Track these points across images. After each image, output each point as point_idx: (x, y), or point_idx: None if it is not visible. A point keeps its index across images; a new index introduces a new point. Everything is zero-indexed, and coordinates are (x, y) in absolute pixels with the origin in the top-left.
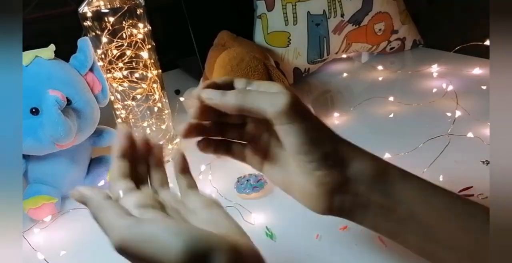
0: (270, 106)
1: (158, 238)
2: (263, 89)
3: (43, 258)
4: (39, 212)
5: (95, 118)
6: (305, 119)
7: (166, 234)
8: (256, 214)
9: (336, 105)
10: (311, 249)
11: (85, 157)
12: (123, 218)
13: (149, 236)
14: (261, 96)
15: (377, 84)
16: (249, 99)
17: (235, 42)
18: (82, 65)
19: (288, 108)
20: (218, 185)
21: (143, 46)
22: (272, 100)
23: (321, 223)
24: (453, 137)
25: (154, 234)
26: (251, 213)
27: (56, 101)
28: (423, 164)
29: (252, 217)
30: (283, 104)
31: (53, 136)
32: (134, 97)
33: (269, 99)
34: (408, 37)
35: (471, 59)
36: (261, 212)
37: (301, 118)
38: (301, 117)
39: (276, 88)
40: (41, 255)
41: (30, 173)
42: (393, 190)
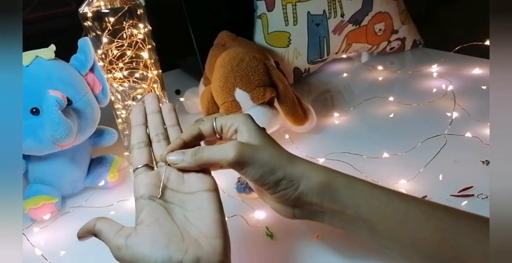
0: (222, 159)
1: (145, 257)
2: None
3: (41, 253)
4: (39, 212)
5: (95, 119)
6: (254, 161)
7: (151, 253)
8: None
9: (336, 105)
10: (311, 249)
11: (85, 157)
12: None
13: (137, 256)
14: (213, 152)
15: (377, 84)
16: (203, 157)
17: (235, 42)
18: (82, 65)
19: (236, 159)
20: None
21: (143, 46)
22: (223, 154)
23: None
24: (453, 136)
25: (141, 254)
26: (254, 211)
27: (56, 102)
28: (422, 163)
29: (256, 214)
30: (232, 157)
31: (53, 136)
32: (135, 98)
33: (220, 154)
34: (408, 37)
35: (471, 59)
36: (261, 212)
37: (250, 163)
38: (249, 162)
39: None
40: (38, 251)
41: (30, 173)
42: (340, 197)
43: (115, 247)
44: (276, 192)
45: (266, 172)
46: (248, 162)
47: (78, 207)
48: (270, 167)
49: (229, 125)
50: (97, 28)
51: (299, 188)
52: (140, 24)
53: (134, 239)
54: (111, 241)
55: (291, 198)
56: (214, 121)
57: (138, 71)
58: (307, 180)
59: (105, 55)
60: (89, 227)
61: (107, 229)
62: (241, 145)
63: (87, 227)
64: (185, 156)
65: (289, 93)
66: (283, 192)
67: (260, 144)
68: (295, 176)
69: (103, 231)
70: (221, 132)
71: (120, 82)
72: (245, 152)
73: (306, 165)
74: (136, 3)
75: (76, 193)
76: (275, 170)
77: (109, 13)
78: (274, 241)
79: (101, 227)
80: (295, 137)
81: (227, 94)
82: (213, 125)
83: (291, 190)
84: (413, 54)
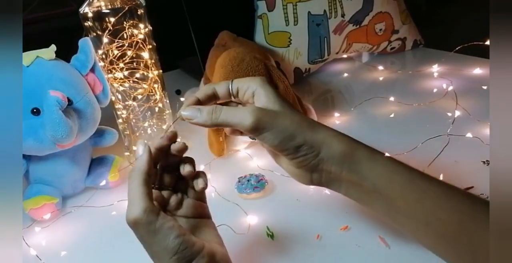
0: (239, 124)
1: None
2: (241, 91)
3: (35, 254)
4: (40, 212)
5: (96, 119)
6: (273, 127)
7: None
8: (257, 214)
9: (337, 105)
10: (311, 249)
11: (86, 157)
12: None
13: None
14: (230, 116)
15: (378, 84)
16: (220, 117)
17: (236, 42)
18: (83, 65)
19: (254, 125)
20: (218, 185)
21: (144, 47)
22: (240, 119)
23: (322, 223)
24: (453, 136)
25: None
26: (247, 215)
27: (57, 102)
28: (423, 163)
29: (248, 219)
30: (250, 123)
31: (54, 136)
32: (135, 98)
33: (237, 119)
34: (409, 37)
35: (471, 59)
36: (261, 212)
37: (268, 128)
38: (268, 128)
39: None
40: (33, 251)
41: (31, 173)
42: (360, 168)
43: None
44: (295, 157)
45: (285, 137)
46: (266, 127)
47: (80, 206)
48: (289, 132)
49: (245, 88)
50: (98, 28)
51: (319, 155)
52: (141, 24)
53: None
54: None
55: (310, 164)
56: (230, 84)
57: (139, 71)
58: (327, 147)
59: (105, 56)
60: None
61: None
62: (259, 111)
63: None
64: (201, 112)
65: (290, 93)
66: (302, 157)
67: (279, 109)
68: (315, 142)
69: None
70: (237, 95)
71: (120, 83)
72: (264, 117)
73: (328, 132)
74: (137, 3)
75: (77, 193)
76: (295, 136)
77: (110, 13)
78: (274, 241)
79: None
80: None
81: None
82: (229, 87)
83: (311, 156)
84: (413, 54)
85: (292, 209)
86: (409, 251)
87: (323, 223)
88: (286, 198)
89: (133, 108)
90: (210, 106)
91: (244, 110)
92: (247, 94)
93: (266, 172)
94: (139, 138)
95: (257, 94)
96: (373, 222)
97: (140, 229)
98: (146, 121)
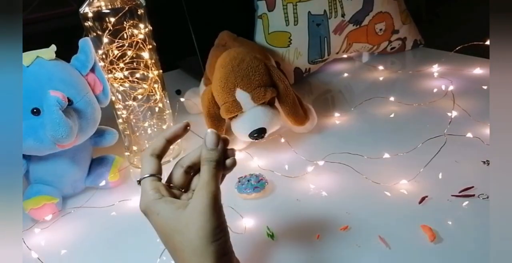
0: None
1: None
2: None
3: (37, 257)
4: (40, 212)
5: (96, 119)
6: None
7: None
8: (257, 214)
9: (337, 105)
10: (311, 249)
11: (86, 157)
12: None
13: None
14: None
15: (378, 84)
16: None
17: (236, 42)
18: (83, 65)
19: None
20: None
21: (144, 47)
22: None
23: (322, 223)
24: (454, 137)
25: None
26: (242, 218)
27: (57, 102)
28: (423, 164)
29: (243, 222)
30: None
31: (54, 136)
32: (135, 98)
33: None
34: (409, 37)
35: (471, 59)
36: (261, 212)
37: None
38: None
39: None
40: (35, 254)
41: (31, 173)
42: None
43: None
44: None
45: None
46: None
47: (79, 207)
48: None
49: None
50: (98, 28)
51: None
52: (141, 24)
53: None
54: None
55: None
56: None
57: (139, 71)
58: None
59: (105, 56)
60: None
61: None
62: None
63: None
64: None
65: (290, 94)
66: None
67: None
68: None
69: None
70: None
71: (120, 83)
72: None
73: None
74: (137, 3)
75: (77, 193)
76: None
77: (110, 13)
78: (274, 241)
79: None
80: (295, 137)
81: (228, 94)
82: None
83: None
84: (413, 54)
85: (292, 209)
86: (409, 251)
87: (323, 223)
88: (286, 198)
89: (133, 108)
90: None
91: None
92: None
93: (266, 172)
94: (139, 138)
95: None
96: (373, 222)
97: (205, 201)
98: (146, 121)
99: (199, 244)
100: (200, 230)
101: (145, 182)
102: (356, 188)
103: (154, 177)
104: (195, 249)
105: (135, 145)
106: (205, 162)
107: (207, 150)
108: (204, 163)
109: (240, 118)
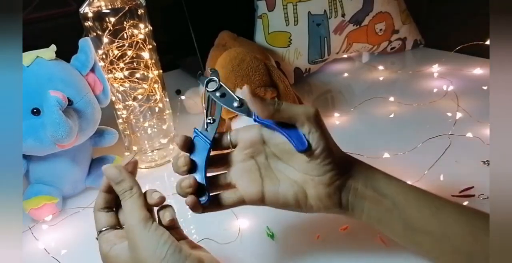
0: (303, 113)
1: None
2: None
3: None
4: (40, 212)
5: (96, 119)
6: (325, 129)
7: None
8: (257, 214)
9: (337, 106)
10: (312, 249)
11: (86, 157)
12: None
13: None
14: (295, 106)
15: (378, 85)
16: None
17: (236, 42)
18: (83, 65)
19: (316, 117)
20: None
21: (144, 47)
22: (305, 108)
23: (322, 223)
24: (454, 137)
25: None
26: (237, 219)
27: (57, 102)
28: (423, 164)
29: (243, 222)
30: (314, 113)
31: (54, 136)
32: (135, 98)
33: (302, 108)
34: (409, 37)
35: (472, 59)
36: (262, 212)
37: (323, 128)
38: (323, 126)
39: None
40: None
41: (31, 173)
42: (379, 185)
43: None
44: (334, 169)
45: (331, 144)
46: (322, 125)
47: (83, 208)
48: (332, 140)
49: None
50: (98, 28)
51: (351, 171)
52: (141, 24)
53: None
54: None
55: (340, 179)
56: (229, 135)
57: (139, 71)
58: (357, 165)
59: (105, 56)
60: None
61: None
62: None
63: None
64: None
65: (290, 94)
66: (339, 170)
67: None
68: (348, 158)
69: None
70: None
71: (121, 83)
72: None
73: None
74: (137, 3)
75: (77, 193)
76: (337, 146)
77: (110, 13)
78: (274, 241)
79: None
80: None
81: None
82: (228, 138)
83: (345, 171)
84: (413, 54)
85: None
86: (409, 251)
87: (323, 223)
88: None
89: (133, 108)
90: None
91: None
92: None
93: None
94: (139, 138)
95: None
96: None
97: (136, 233)
98: (146, 121)
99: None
100: (146, 260)
101: (99, 239)
102: None
103: (106, 230)
104: None
105: (135, 145)
106: (121, 196)
107: (116, 185)
108: (121, 196)
109: (240, 118)
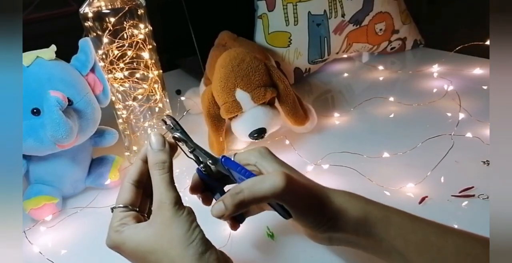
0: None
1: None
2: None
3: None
4: (40, 212)
5: (96, 119)
6: (302, 194)
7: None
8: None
9: (337, 106)
10: (312, 249)
11: (86, 157)
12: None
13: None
14: (257, 187)
15: (378, 85)
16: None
17: (236, 42)
18: (83, 65)
19: (287, 182)
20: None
21: (144, 47)
22: (271, 182)
23: None
24: (454, 137)
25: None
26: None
27: (57, 102)
28: (423, 164)
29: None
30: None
31: (54, 136)
32: (135, 98)
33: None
34: (409, 37)
35: (472, 59)
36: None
37: (298, 197)
38: (297, 195)
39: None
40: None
41: (31, 173)
42: (375, 231)
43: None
44: (316, 227)
45: (305, 207)
46: (297, 184)
47: (82, 208)
48: (311, 201)
49: (245, 163)
50: (98, 29)
51: (336, 224)
52: (141, 24)
53: None
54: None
55: (327, 231)
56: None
57: (139, 71)
58: (342, 214)
59: (105, 56)
60: None
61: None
62: (285, 172)
63: None
64: (225, 205)
65: (290, 94)
66: (323, 227)
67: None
68: (332, 212)
69: None
70: None
71: (120, 83)
72: (292, 178)
73: (342, 198)
74: (137, 4)
75: (77, 193)
76: (314, 208)
77: (110, 13)
78: (275, 241)
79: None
80: (295, 137)
81: (228, 94)
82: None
83: (328, 225)
84: (413, 54)
85: None
86: None
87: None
88: None
89: (133, 108)
90: (229, 192)
91: (269, 174)
92: (248, 169)
93: None
94: (139, 138)
95: (261, 167)
96: None
97: (167, 213)
98: (146, 121)
99: (175, 254)
100: (172, 241)
101: (114, 213)
102: (356, 187)
103: (125, 208)
104: (173, 260)
105: (135, 145)
106: (152, 167)
107: (153, 152)
108: (152, 168)
109: (240, 118)
